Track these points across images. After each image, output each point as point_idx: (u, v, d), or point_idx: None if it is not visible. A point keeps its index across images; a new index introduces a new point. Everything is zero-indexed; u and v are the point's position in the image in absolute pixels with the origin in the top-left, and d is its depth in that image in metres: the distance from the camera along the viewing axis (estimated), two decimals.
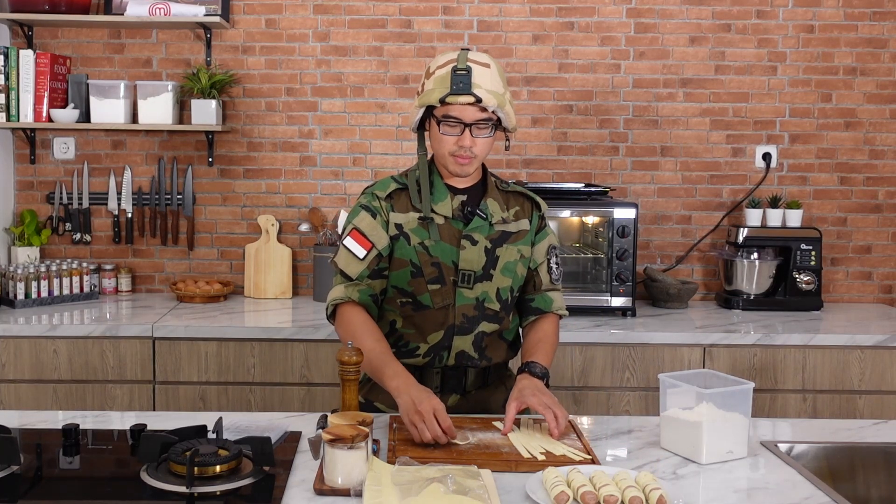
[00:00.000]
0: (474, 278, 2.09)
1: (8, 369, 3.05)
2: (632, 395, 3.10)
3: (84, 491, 1.67)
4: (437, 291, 2.09)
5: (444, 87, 2.00)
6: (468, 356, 2.12)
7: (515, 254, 2.14)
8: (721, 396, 1.83)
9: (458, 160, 2.04)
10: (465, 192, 2.13)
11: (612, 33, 3.68)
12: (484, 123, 2.02)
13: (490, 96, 2.00)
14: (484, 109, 2.01)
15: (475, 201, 2.13)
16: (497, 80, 2.03)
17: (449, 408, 2.12)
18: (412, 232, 2.09)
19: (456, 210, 2.11)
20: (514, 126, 2.11)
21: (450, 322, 2.10)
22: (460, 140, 2.02)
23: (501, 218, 2.14)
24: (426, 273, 2.08)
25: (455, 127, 2.02)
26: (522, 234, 2.17)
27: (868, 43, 3.68)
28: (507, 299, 2.15)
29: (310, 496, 1.59)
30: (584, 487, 1.55)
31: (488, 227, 2.11)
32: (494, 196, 2.15)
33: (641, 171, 3.73)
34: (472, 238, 2.09)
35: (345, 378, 1.93)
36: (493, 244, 2.11)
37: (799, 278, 3.51)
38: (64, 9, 3.43)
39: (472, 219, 2.10)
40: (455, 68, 1.99)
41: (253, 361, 3.08)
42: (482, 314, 2.12)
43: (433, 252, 2.08)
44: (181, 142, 3.71)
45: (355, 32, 3.67)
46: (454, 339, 2.11)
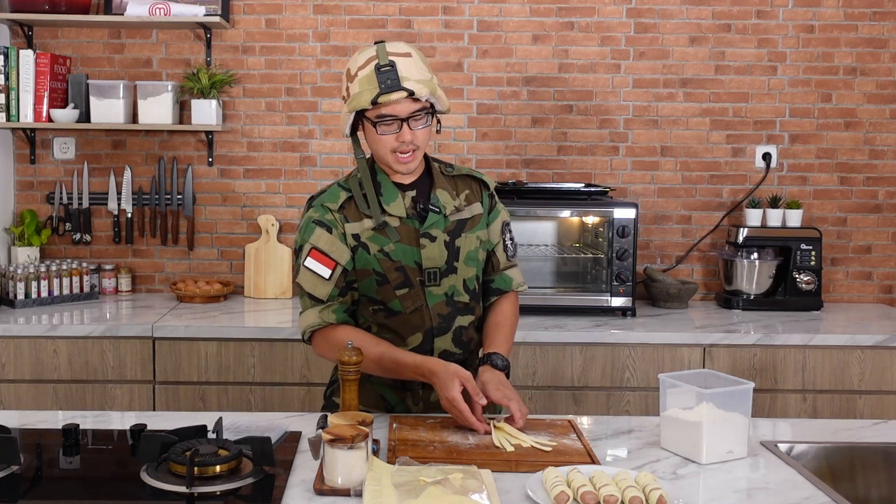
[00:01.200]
0: (440, 274, 2.06)
1: (8, 369, 3.05)
2: (632, 395, 3.10)
3: (84, 491, 1.67)
4: (406, 295, 2.05)
5: (373, 87, 1.93)
6: (450, 353, 2.09)
7: (475, 241, 2.11)
8: (721, 396, 1.83)
9: (401, 157, 1.99)
10: (413, 186, 2.08)
11: (612, 33, 3.68)
12: (419, 114, 1.97)
13: (421, 86, 1.94)
14: (417, 100, 1.96)
15: (425, 194, 2.08)
16: (422, 66, 1.97)
17: (432, 403, 2.11)
18: (370, 241, 2.03)
19: (409, 208, 2.06)
20: (448, 108, 2.05)
21: (427, 325, 2.07)
22: (400, 136, 1.96)
23: (454, 207, 2.09)
24: (391, 279, 2.04)
25: (392, 125, 1.96)
26: (477, 218, 2.13)
27: (868, 43, 3.68)
28: (475, 288, 2.13)
29: (310, 496, 1.59)
30: (584, 487, 1.55)
31: (443, 219, 2.07)
32: (443, 185, 2.10)
33: (641, 171, 3.73)
34: (430, 235, 2.05)
35: (345, 378, 1.93)
36: (452, 236, 2.08)
37: (799, 278, 3.51)
38: (64, 9, 3.43)
39: (427, 215, 2.05)
40: (378, 66, 1.93)
41: (253, 361, 3.08)
42: (455, 309, 2.09)
43: (395, 257, 2.03)
44: (181, 142, 3.71)
45: (355, 32, 3.67)
46: (434, 341, 2.08)
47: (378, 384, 2.13)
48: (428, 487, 1.52)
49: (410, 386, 2.11)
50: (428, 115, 2.00)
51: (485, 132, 3.71)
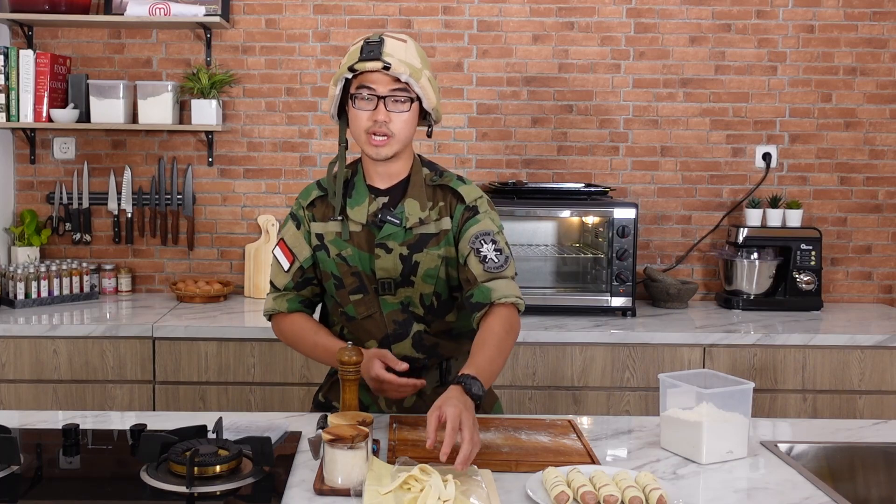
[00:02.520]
0: (395, 285, 2.02)
1: (8, 369, 3.05)
2: (632, 395, 3.10)
3: (84, 491, 1.67)
4: (359, 301, 2.04)
5: (355, 57, 1.92)
6: (414, 359, 2.05)
7: (436, 259, 2.01)
8: (721, 396, 1.83)
9: (373, 140, 1.92)
10: (388, 192, 2.02)
11: (612, 33, 3.68)
12: (400, 95, 1.92)
13: (401, 65, 1.89)
14: (397, 80, 1.91)
15: (396, 203, 2.01)
16: (413, 54, 1.93)
17: (406, 409, 2.10)
18: (331, 244, 2.03)
19: (371, 215, 2.00)
20: (437, 108, 1.99)
21: (383, 332, 2.05)
22: (374, 114, 1.91)
23: (419, 219, 2.00)
24: (347, 283, 2.03)
25: (370, 101, 1.91)
26: (443, 234, 2.02)
27: (868, 43, 3.68)
28: (433, 304, 2.05)
29: (310, 496, 1.59)
30: (584, 487, 1.55)
31: (403, 232, 1.99)
32: (416, 195, 2.01)
33: (641, 171, 3.73)
34: (385, 246, 1.99)
35: (345, 378, 1.93)
36: (411, 249, 2.00)
37: (799, 278, 3.51)
38: (64, 9, 3.43)
39: (383, 226, 1.99)
40: (367, 40, 1.93)
41: (253, 361, 3.08)
42: (411, 316, 2.05)
43: (351, 262, 2.02)
44: (181, 142, 3.71)
45: (355, 32, 3.67)
46: (391, 347, 2.04)
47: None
48: (427, 488, 1.52)
49: None
50: (410, 103, 1.94)
51: (485, 132, 3.71)
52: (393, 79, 1.91)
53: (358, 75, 1.92)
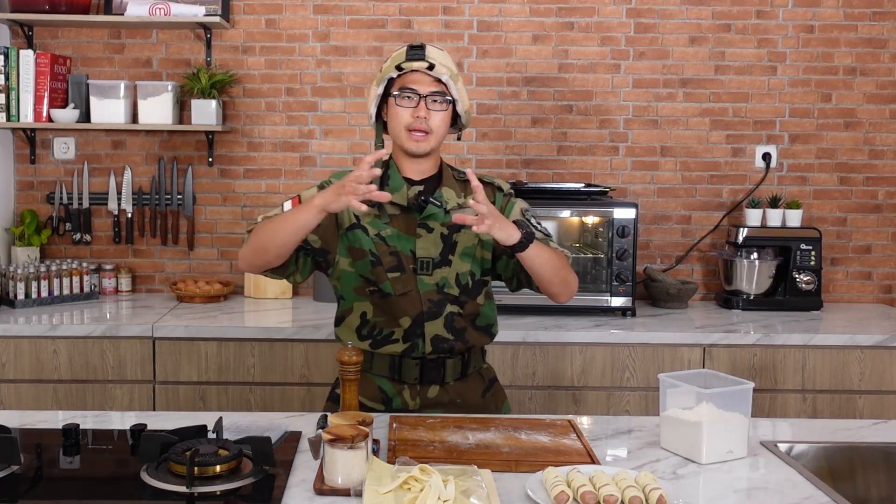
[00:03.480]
0: (433, 265, 2.13)
1: (8, 369, 3.05)
2: (632, 395, 3.10)
3: (84, 491, 1.67)
4: (397, 279, 2.12)
5: (401, 58, 2.10)
6: (443, 339, 2.13)
7: (473, 238, 2.15)
8: (721, 396, 1.83)
9: (414, 135, 2.09)
10: (421, 182, 2.17)
11: (612, 33, 3.68)
12: (439, 97, 2.09)
13: (442, 67, 2.08)
14: (438, 82, 2.09)
15: (432, 191, 2.17)
16: (449, 60, 2.13)
17: (429, 400, 2.16)
18: (369, 224, 2.13)
19: (411, 200, 2.14)
20: (468, 111, 2.17)
21: (417, 309, 2.12)
22: (416, 111, 2.08)
23: (457, 204, 2.16)
24: (385, 262, 2.12)
25: (411, 99, 2.08)
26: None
27: (868, 43, 3.68)
28: (468, 283, 2.16)
29: (310, 496, 1.60)
30: (584, 487, 1.55)
31: (443, 213, 2.14)
32: (451, 185, 2.19)
33: (641, 171, 3.73)
34: (427, 226, 2.14)
35: (345, 378, 1.93)
36: (450, 230, 2.14)
37: (799, 278, 3.51)
38: (64, 9, 3.43)
39: (426, 206, 2.13)
40: (410, 45, 2.12)
41: (253, 361, 3.08)
42: (445, 297, 2.14)
43: (390, 242, 2.12)
44: (181, 142, 3.71)
45: (355, 32, 3.67)
46: (425, 325, 2.13)
47: (377, 376, 2.17)
48: (427, 488, 1.52)
49: (407, 379, 2.15)
50: (447, 103, 2.11)
51: (485, 132, 3.71)
52: (433, 80, 2.09)
53: (400, 76, 2.10)
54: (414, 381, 2.16)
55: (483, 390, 2.24)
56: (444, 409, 2.17)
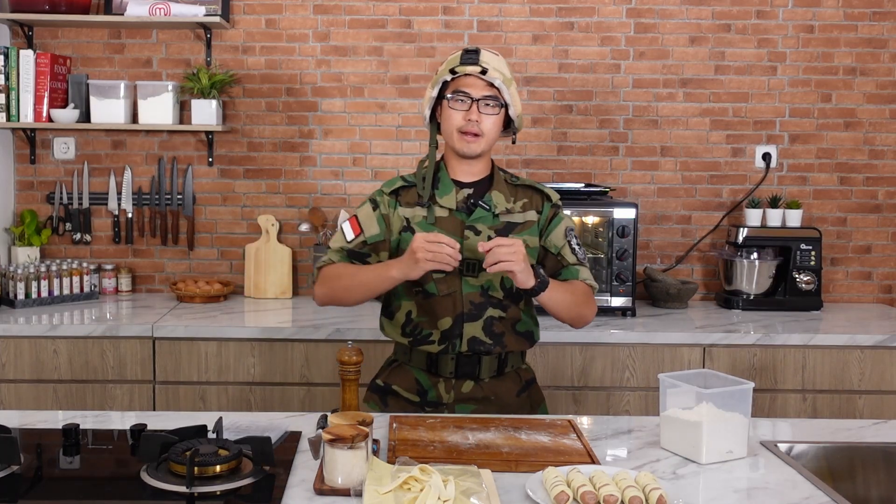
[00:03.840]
0: (479, 267, 2.16)
1: (8, 369, 3.05)
2: (632, 395, 3.10)
3: (84, 491, 1.67)
4: (441, 280, 2.18)
5: (455, 62, 2.16)
6: (480, 341, 2.19)
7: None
8: (721, 396, 1.83)
9: (466, 137, 2.15)
10: (471, 185, 2.23)
11: (612, 33, 3.68)
12: (491, 101, 2.14)
13: (496, 72, 2.14)
14: (491, 86, 2.14)
15: (481, 194, 2.22)
16: (504, 65, 2.18)
17: (463, 394, 2.21)
18: (417, 226, 2.19)
19: (460, 203, 2.20)
20: (520, 115, 2.23)
21: (458, 310, 2.18)
22: (468, 114, 2.14)
23: (506, 209, 2.22)
24: None
25: (464, 102, 2.14)
26: (529, 224, 2.23)
27: (868, 43, 3.68)
28: (512, 287, 2.19)
29: (310, 496, 1.60)
30: (584, 487, 1.55)
31: (492, 217, 2.20)
32: (501, 189, 2.24)
33: (641, 171, 3.73)
34: (475, 228, 2.18)
35: (345, 378, 1.94)
36: (499, 234, 2.18)
37: (799, 278, 3.51)
38: (64, 9, 3.43)
39: (475, 209, 2.19)
40: (465, 49, 2.18)
41: (253, 361, 3.08)
42: (488, 300, 2.19)
43: None
44: (181, 142, 3.71)
45: (355, 32, 3.67)
46: (464, 325, 2.18)
47: (414, 368, 2.24)
48: (427, 488, 1.52)
49: (443, 373, 2.21)
50: (499, 107, 2.16)
51: None
52: (486, 84, 2.15)
53: (454, 80, 2.16)
54: (449, 374, 2.21)
55: (519, 390, 2.28)
56: (477, 404, 2.21)
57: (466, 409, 2.21)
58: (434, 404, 2.22)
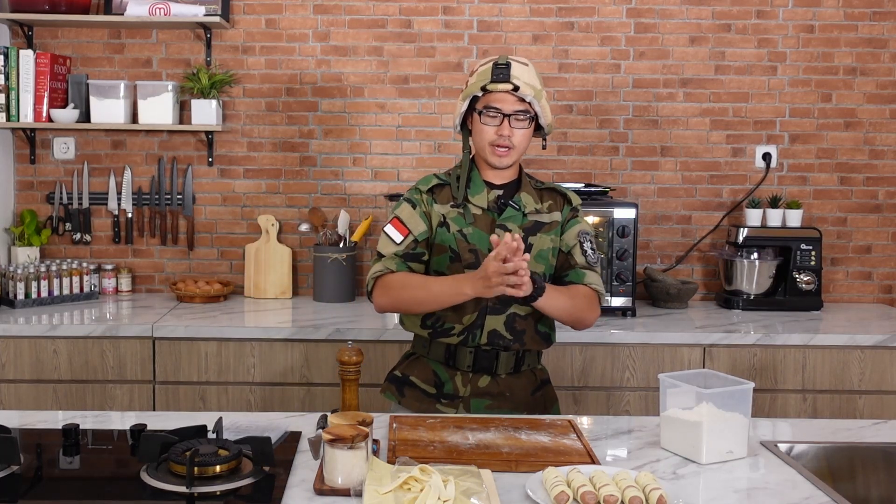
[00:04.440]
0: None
1: (8, 369, 3.05)
2: (632, 395, 3.10)
3: (84, 491, 1.67)
4: None
5: (486, 78, 2.18)
6: (500, 335, 2.21)
7: (548, 242, 2.26)
8: (721, 396, 1.83)
9: (497, 151, 2.20)
10: (501, 187, 2.28)
11: (612, 33, 3.68)
12: (522, 115, 2.18)
13: (527, 87, 2.16)
14: (522, 101, 2.17)
15: (510, 196, 2.28)
16: (534, 76, 2.21)
17: (479, 389, 2.24)
18: (452, 221, 2.24)
19: (491, 202, 2.26)
20: (551, 123, 2.26)
21: (483, 304, 2.20)
22: (499, 129, 2.18)
23: (535, 209, 2.28)
24: (464, 258, 2.22)
25: (495, 118, 2.18)
26: (555, 224, 2.29)
27: (868, 43, 3.68)
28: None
29: (310, 496, 1.60)
30: (584, 487, 1.55)
31: (521, 217, 2.25)
32: (528, 191, 2.30)
33: (641, 171, 3.73)
34: (505, 227, 2.22)
35: (345, 378, 1.94)
36: (527, 232, 2.24)
37: (799, 278, 3.51)
38: (64, 9, 3.43)
39: (506, 209, 2.24)
40: (496, 63, 2.19)
41: (253, 361, 3.08)
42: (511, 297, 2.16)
43: (471, 239, 2.22)
44: (181, 142, 3.71)
45: (355, 32, 3.67)
46: (486, 318, 2.20)
47: (432, 361, 2.27)
48: (427, 488, 1.52)
49: (461, 366, 2.23)
50: (530, 120, 2.20)
51: None
52: (517, 99, 2.18)
53: (486, 95, 2.18)
54: (467, 368, 2.24)
55: (534, 389, 2.30)
56: (493, 399, 2.23)
57: (482, 403, 2.23)
58: (450, 397, 2.24)
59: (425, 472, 1.57)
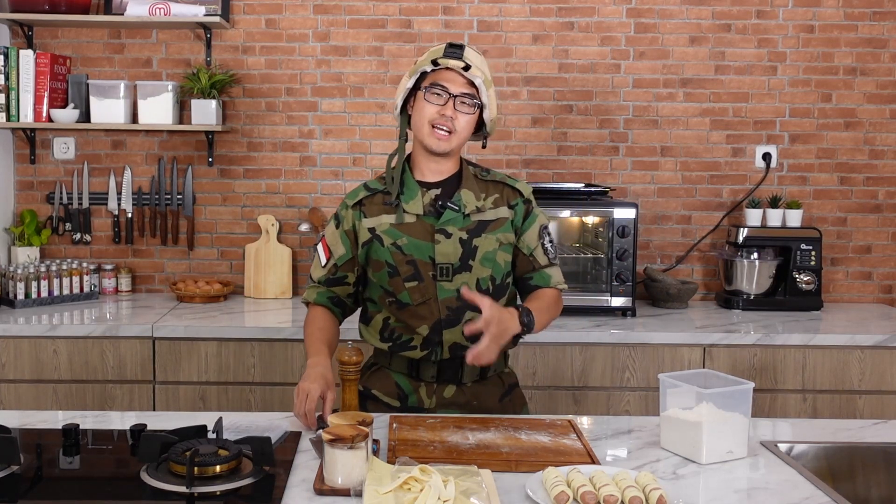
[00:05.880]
0: (452, 270, 2.11)
1: (8, 369, 3.05)
2: (632, 395, 3.10)
3: (84, 491, 1.67)
4: (414, 288, 2.12)
5: (438, 54, 2.09)
6: (463, 346, 2.11)
7: (494, 243, 2.14)
8: (721, 396, 1.83)
9: (437, 132, 2.07)
10: (439, 185, 2.15)
11: (612, 33, 3.68)
12: (468, 99, 2.07)
13: (478, 70, 2.07)
14: (471, 84, 2.07)
15: (449, 194, 2.15)
16: (486, 67, 2.12)
17: (445, 399, 2.17)
18: (384, 234, 2.13)
19: (427, 206, 2.13)
20: (494, 120, 2.16)
21: (435, 317, 2.12)
22: (443, 109, 2.06)
23: (476, 207, 2.14)
24: (402, 272, 2.11)
25: (440, 96, 2.06)
26: (501, 221, 2.16)
27: (868, 43, 3.68)
28: (488, 289, 2.14)
29: (310, 496, 1.59)
30: (584, 487, 1.55)
31: (462, 218, 2.12)
32: (470, 186, 2.16)
33: (641, 171, 3.73)
34: (445, 231, 2.11)
35: (345, 378, 1.94)
36: (470, 234, 2.12)
37: (799, 278, 3.51)
38: (64, 9, 3.43)
39: (444, 212, 2.11)
40: (450, 43, 2.10)
41: (253, 361, 3.08)
42: (465, 304, 2.10)
43: (407, 251, 2.11)
44: (181, 142, 3.71)
45: (355, 32, 3.67)
46: (443, 333, 2.13)
47: (394, 372, 2.20)
48: (427, 488, 1.52)
49: (424, 377, 2.17)
50: (475, 107, 2.09)
51: None
52: (466, 82, 2.07)
53: (434, 72, 2.08)
54: (431, 379, 2.17)
55: (501, 395, 2.23)
56: (460, 409, 2.16)
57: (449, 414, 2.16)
58: (415, 410, 2.16)
59: (425, 472, 1.57)
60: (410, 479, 1.55)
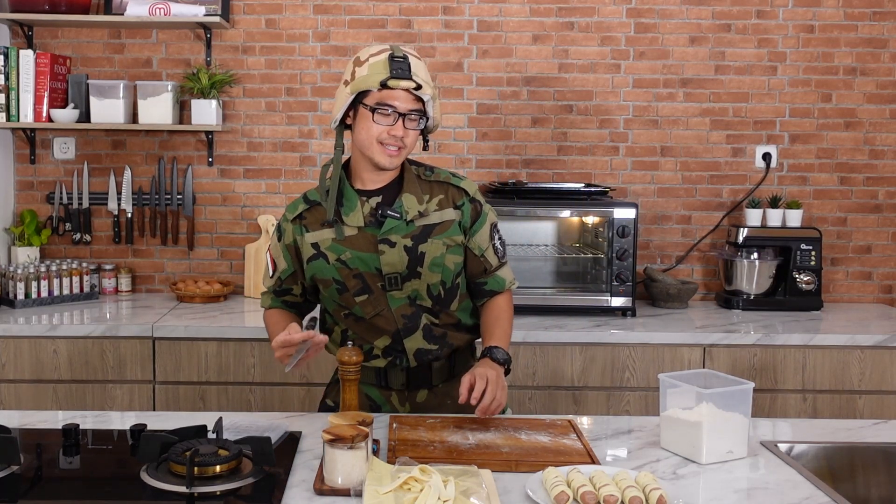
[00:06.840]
0: (401, 279, 2.06)
1: (8, 369, 3.05)
2: (632, 395, 3.10)
3: (84, 491, 1.67)
4: (365, 301, 2.07)
5: (384, 71, 1.96)
6: (426, 350, 2.11)
7: (441, 247, 2.07)
8: (721, 396, 1.83)
9: (388, 150, 2.00)
10: (379, 192, 2.08)
11: (612, 33, 3.68)
12: (415, 115, 2.00)
13: (427, 86, 2.00)
14: (418, 100, 2.00)
15: (390, 200, 2.08)
16: (428, 74, 2.04)
17: (418, 403, 2.15)
18: (328, 250, 2.07)
19: (367, 217, 2.06)
20: (438, 124, 2.10)
21: (393, 327, 2.09)
22: (393, 129, 1.99)
23: (419, 212, 2.07)
24: (350, 286, 2.06)
25: (388, 116, 1.98)
26: (447, 224, 2.09)
27: (868, 43, 3.68)
28: (440, 294, 2.11)
29: (310, 496, 1.60)
30: (584, 487, 1.55)
31: (405, 224, 2.05)
32: (412, 190, 2.09)
33: (641, 171, 3.73)
34: (388, 241, 2.04)
35: (345, 378, 1.94)
36: (415, 241, 2.05)
37: (799, 278, 3.51)
38: (64, 9, 3.43)
39: (385, 221, 2.05)
40: (392, 55, 1.98)
41: (253, 361, 3.08)
42: (419, 309, 2.09)
43: (352, 265, 2.05)
44: (181, 142, 3.71)
45: (355, 32, 3.67)
46: (404, 342, 2.10)
47: (363, 383, 2.14)
48: (427, 488, 1.52)
49: (394, 385, 2.15)
50: (421, 120, 2.03)
51: (485, 132, 3.71)
52: (414, 98, 1.99)
53: (382, 90, 1.97)
54: (401, 386, 2.14)
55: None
56: (435, 412, 2.15)
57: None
58: None
59: (425, 472, 1.57)
60: (410, 479, 1.55)
